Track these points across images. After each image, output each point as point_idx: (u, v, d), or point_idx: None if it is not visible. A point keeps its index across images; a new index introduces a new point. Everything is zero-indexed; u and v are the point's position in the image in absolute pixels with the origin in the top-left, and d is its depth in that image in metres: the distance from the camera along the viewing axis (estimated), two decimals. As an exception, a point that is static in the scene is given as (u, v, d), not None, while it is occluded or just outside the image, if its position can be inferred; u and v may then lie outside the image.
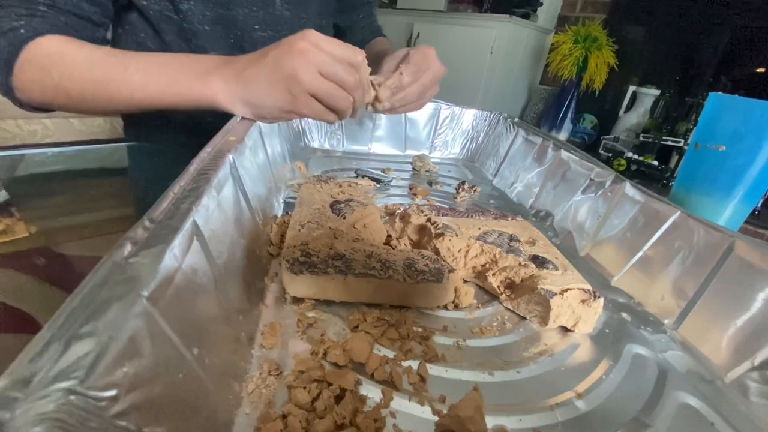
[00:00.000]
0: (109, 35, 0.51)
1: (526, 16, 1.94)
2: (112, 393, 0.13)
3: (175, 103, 0.39)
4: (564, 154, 0.52)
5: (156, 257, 0.18)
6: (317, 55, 0.35)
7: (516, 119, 0.68)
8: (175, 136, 0.59)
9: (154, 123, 0.56)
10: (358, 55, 0.37)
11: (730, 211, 0.50)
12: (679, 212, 0.35)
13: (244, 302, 0.28)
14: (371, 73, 0.41)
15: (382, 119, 0.73)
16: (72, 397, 0.12)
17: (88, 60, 0.38)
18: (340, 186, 0.46)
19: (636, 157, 1.61)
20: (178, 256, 0.19)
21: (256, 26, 0.54)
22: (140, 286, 0.16)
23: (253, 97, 0.37)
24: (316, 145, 0.71)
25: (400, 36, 2.16)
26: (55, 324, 0.13)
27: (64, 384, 0.12)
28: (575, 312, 0.32)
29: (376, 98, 0.44)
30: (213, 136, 0.36)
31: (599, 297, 0.31)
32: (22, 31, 0.37)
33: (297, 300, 0.31)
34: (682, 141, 1.54)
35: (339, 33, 0.73)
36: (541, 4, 2.00)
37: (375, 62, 0.66)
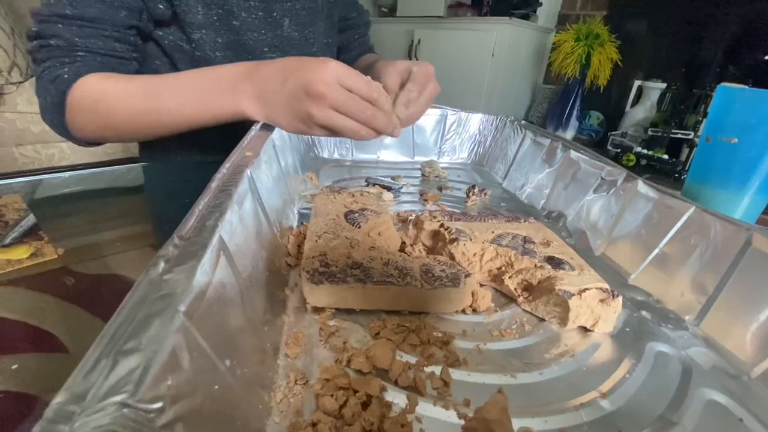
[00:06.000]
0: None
1: (525, 17, 1.95)
2: (159, 405, 0.13)
3: (210, 121, 0.43)
4: (573, 154, 0.52)
5: (189, 273, 0.18)
6: (334, 98, 0.36)
7: (523, 122, 0.69)
8: (189, 155, 0.61)
9: (168, 144, 0.58)
10: (374, 92, 0.38)
11: (746, 203, 0.49)
12: (693, 207, 0.35)
13: (267, 313, 0.28)
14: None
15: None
16: (125, 410, 0.12)
17: (126, 93, 0.42)
18: (353, 196, 0.47)
19: (645, 151, 1.60)
20: (208, 271, 0.20)
21: (265, 49, 0.56)
22: (177, 301, 0.17)
23: (274, 118, 0.41)
24: (326, 155, 0.72)
25: (401, 43, 2.18)
26: (102, 341, 0.14)
27: (117, 398, 0.12)
28: (594, 312, 0.32)
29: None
30: (224, 154, 0.37)
31: (618, 296, 0.31)
32: (66, 76, 0.42)
33: (317, 309, 0.32)
34: (692, 133, 1.53)
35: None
36: (541, 5, 2.01)
37: (365, 72, 0.67)
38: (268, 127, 0.43)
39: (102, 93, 0.42)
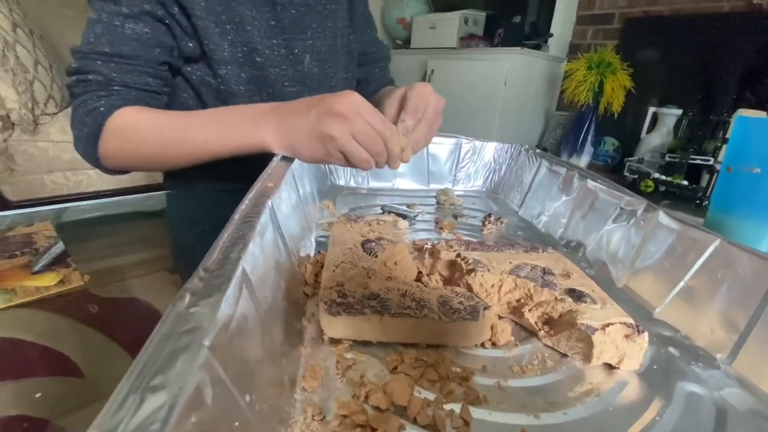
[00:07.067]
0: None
1: (537, 47, 1.99)
2: (183, 444, 0.14)
3: (232, 152, 0.45)
4: (591, 183, 0.52)
5: (213, 307, 0.19)
6: (354, 121, 0.39)
7: (538, 150, 0.69)
8: (211, 183, 0.63)
9: (191, 172, 0.60)
10: (387, 131, 0.41)
11: (773, 234, 0.48)
12: (719, 240, 0.34)
13: (285, 345, 0.28)
14: None
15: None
16: (152, 449, 0.12)
17: (157, 126, 0.45)
18: (369, 225, 0.48)
19: (664, 177, 1.57)
20: (231, 304, 0.20)
21: (286, 83, 0.58)
22: (201, 336, 0.17)
23: (294, 144, 0.42)
24: (342, 183, 0.73)
25: (415, 73, 2.24)
26: (131, 376, 0.15)
27: (144, 436, 0.13)
28: (619, 348, 0.31)
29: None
30: (243, 181, 0.39)
31: (643, 331, 0.30)
32: (102, 109, 0.45)
33: (334, 341, 0.31)
34: (712, 159, 1.50)
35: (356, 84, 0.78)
36: (552, 35, 2.05)
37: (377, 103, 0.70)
38: (288, 158, 0.45)
39: (135, 125, 0.45)
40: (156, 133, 0.45)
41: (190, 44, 0.51)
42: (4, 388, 0.81)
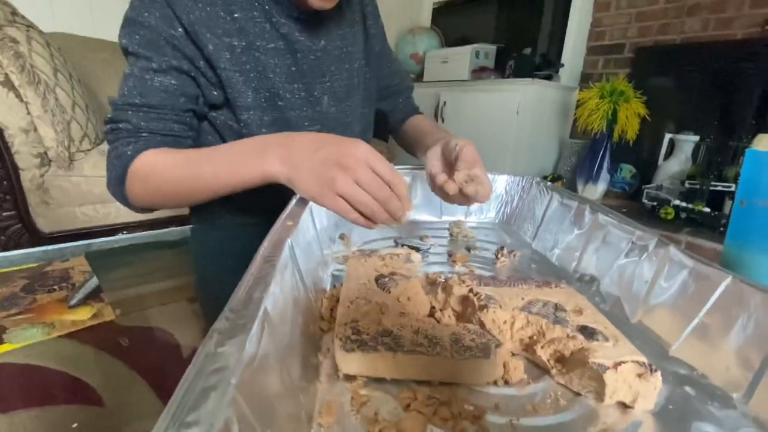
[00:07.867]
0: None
1: (548, 77, 2.03)
2: (212, 478, 0.15)
3: (240, 185, 0.47)
4: (602, 217, 0.53)
5: (239, 346, 0.21)
6: (358, 171, 0.39)
7: (549, 183, 0.70)
8: (234, 218, 0.66)
9: (215, 207, 0.63)
10: (396, 178, 0.40)
11: (793, 269, 0.47)
12: (730, 278, 0.34)
13: (302, 380, 0.30)
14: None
15: (417, 187, 0.78)
16: (187, 482, 0.14)
17: (173, 165, 0.49)
18: (383, 259, 0.49)
19: (684, 204, 1.54)
20: (255, 343, 0.22)
21: (305, 123, 0.62)
22: (229, 375, 0.19)
23: (295, 178, 0.43)
24: (357, 216, 0.75)
25: (428, 104, 2.30)
26: (169, 411, 0.16)
27: (181, 469, 0.14)
28: (632, 387, 0.31)
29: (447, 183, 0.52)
30: (266, 216, 0.40)
31: (656, 371, 0.30)
32: (129, 153, 0.49)
33: (349, 377, 0.32)
34: (733, 185, 1.47)
35: (381, 115, 0.82)
36: (563, 65, 2.09)
37: (416, 139, 0.74)
38: (306, 196, 0.47)
39: (153, 166, 0.49)
40: (171, 171, 0.48)
41: (215, 92, 0.56)
42: (28, 414, 0.83)
